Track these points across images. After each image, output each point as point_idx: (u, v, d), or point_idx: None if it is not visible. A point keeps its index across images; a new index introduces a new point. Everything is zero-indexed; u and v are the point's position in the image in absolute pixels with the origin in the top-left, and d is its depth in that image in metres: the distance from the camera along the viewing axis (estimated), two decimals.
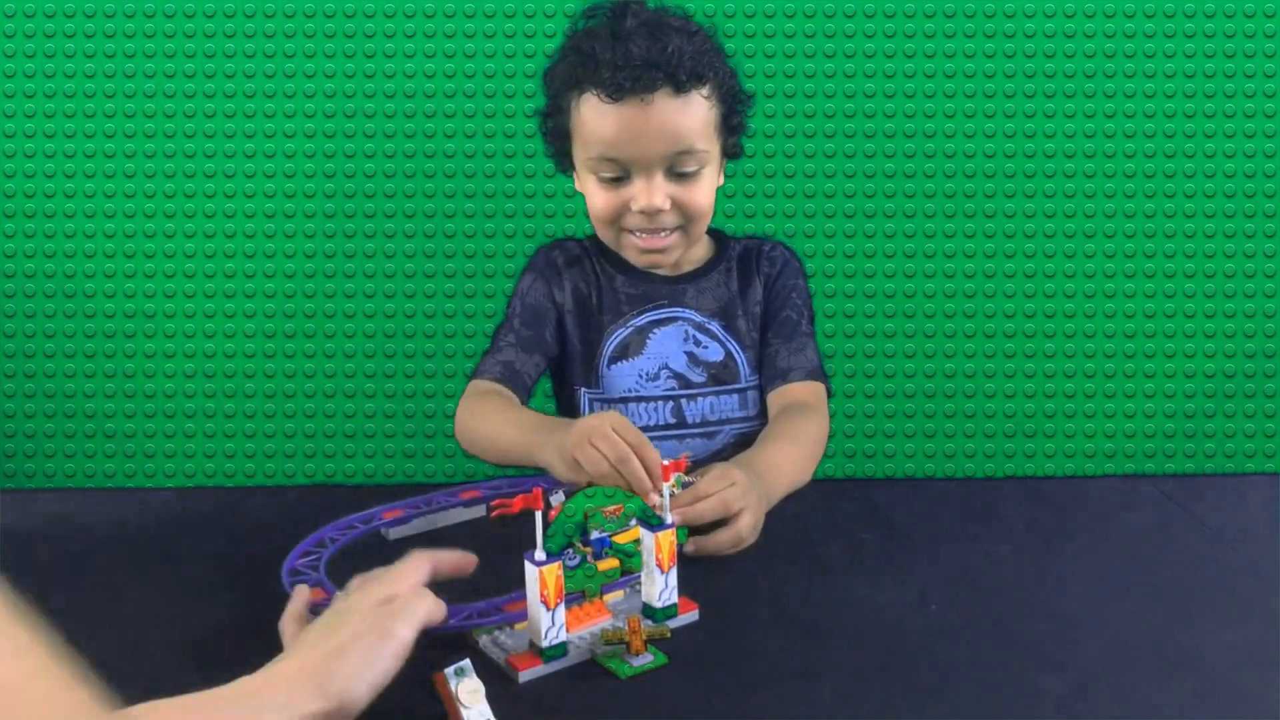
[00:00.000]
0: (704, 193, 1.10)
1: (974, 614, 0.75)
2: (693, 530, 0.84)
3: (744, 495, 0.86)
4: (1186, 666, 0.68)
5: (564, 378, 1.18)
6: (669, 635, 0.71)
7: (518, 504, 0.67)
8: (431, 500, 0.91)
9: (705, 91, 1.08)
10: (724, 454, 1.12)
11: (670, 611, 0.73)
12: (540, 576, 0.67)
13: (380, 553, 0.85)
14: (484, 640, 0.70)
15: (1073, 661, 0.69)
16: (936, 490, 1.01)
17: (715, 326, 1.15)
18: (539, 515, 0.67)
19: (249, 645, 0.71)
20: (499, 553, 0.76)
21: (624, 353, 1.14)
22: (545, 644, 0.67)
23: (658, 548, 0.72)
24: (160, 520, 0.92)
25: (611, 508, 0.74)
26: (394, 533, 0.87)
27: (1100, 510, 0.93)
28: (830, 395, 1.16)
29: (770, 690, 0.66)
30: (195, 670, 0.68)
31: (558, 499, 0.73)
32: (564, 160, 1.15)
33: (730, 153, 1.16)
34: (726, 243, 1.22)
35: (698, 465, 0.92)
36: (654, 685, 0.66)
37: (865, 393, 1.61)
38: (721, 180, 1.17)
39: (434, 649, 0.68)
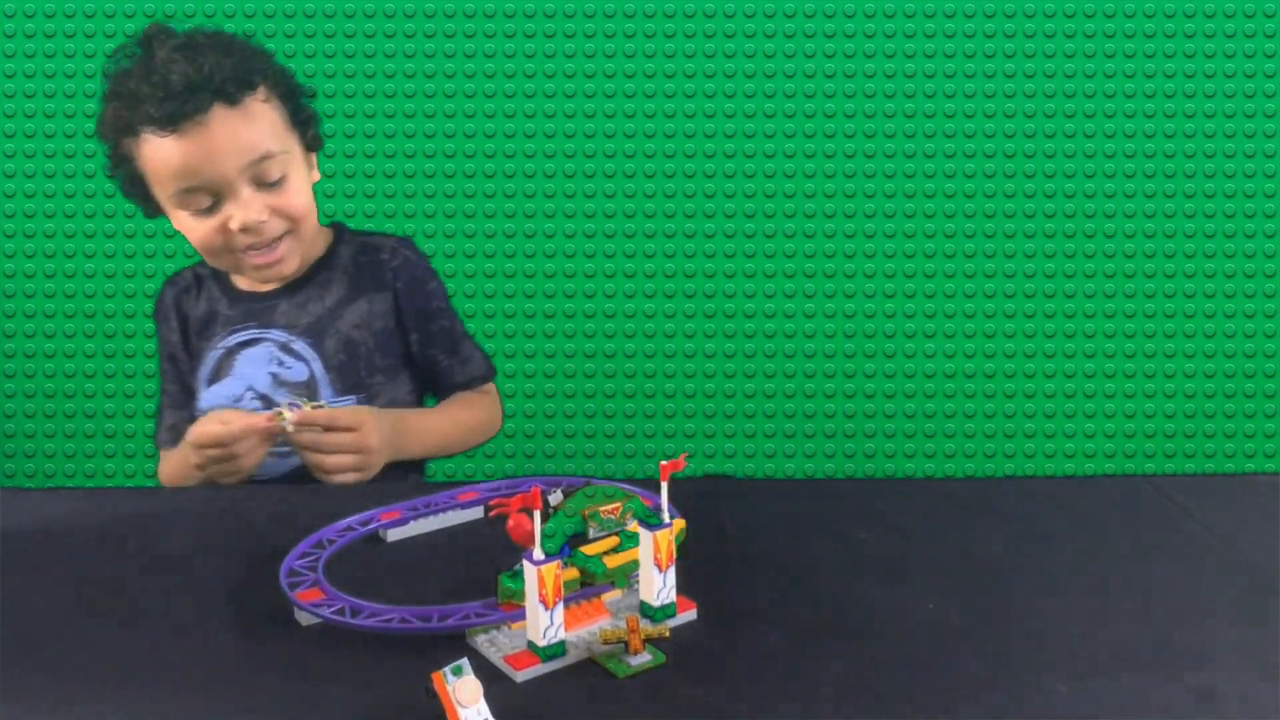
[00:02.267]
0: (297, 194, 1.11)
1: (974, 614, 0.75)
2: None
3: (352, 445, 1.03)
4: (1186, 666, 0.68)
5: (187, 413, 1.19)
6: (668, 634, 0.71)
7: (515, 503, 0.67)
8: (430, 502, 0.91)
9: (262, 95, 1.09)
10: (301, 471, 1.12)
11: (669, 610, 0.73)
12: (538, 576, 0.67)
13: (378, 554, 0.85)
14: (481, 639, 0.70)
15: (1073, 661, 0.68)
16: (936, 490, 1.01)
17: (301, 346, 1.14)
18: (537, 515, 0.67)
19: (247, 645, 0.71)
20: (497, 552, 0.76)
21: (217, 375, 1.15)
22: (543, 643, 0.67)
23: (656, 547, 0.72)
24: (159, 520, 0.92)
25: (610, 506, 0.74)
26: (392, 534, 0.87)
27: (1100, 510, 0.93)
28: (493, 376, 1.26)
29: (769, 690, 0.66)
30: (194, 670, 0.68)
31: (556, 498, 0.73)
32: (150, 205, 1.14)
33: (311, 145, 1.16)
34: (338, 247, 1.20)
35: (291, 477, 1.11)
36: (652, 685, 0.66)
37: (865, 393, 1.61)
38: (316, 175, 1.17)
39: (431, 648, 0.68)
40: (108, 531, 0.90)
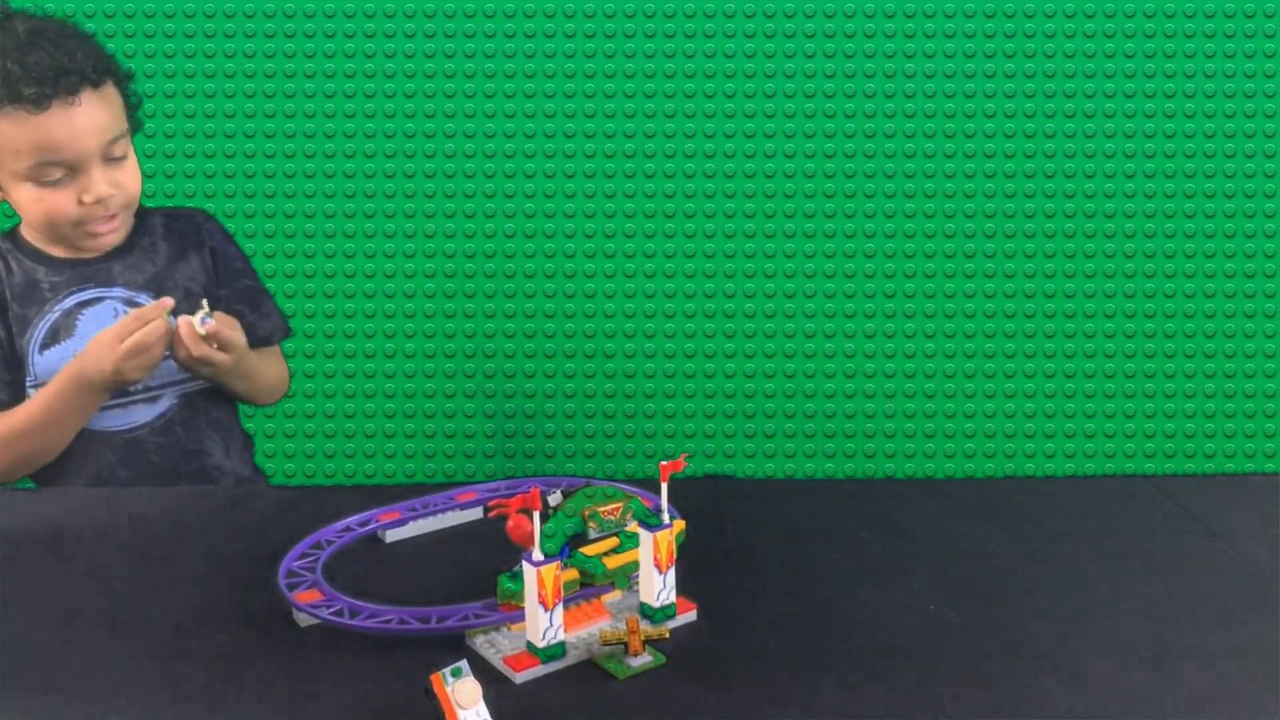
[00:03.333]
0: (136, 172, 1.23)
1: (974, 614, 0.75)
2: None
3: (221, 364, 1.16)
4: (1186, 666, 0.68)
5: (16, 380, 1.21)
6: (667, 635, 0.71)
7: (515, 504, 0.67)
8: (429, 502, 0.91)
9: (111, 81, 1.20)
10: (169, 415, 1.22)
11: (669, 611, 0.73)
12: (538, 576, 0.67)
13: (377, 555, 0.85)
14: (480, 641, 0.70)
15: (1073, 661, 0.68)
16: (936, 490, 1.01)
17: (146, 299, 1.21)
18: (536, 515, 0.67)
19: (246, 646, 0.71)
20: (496, 553, 0.76)
21: (54, 338, 1.19)
22: (543, 644, 0.67)
23: (656, 548, 0.72)
24: (159, 520, 0.92)
25: (610, 507, 0.74)
26: (391, 535, 0.87)
27: (1100, 510, 0.93)
28: (291, 333, 1.39)
29: (769, 690, 0.66)
30: (193, 671, 0.68)
31: (555, 498, 0.73)
32: None
33: (136, 128, 1.27)
34: (145, 216, 1.28)
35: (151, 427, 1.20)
36: (652, 686, 0.66)
37: (865, 393, 1.61)
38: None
39: (431, 650, 0.68)
40: (108, 531, 0.90)
